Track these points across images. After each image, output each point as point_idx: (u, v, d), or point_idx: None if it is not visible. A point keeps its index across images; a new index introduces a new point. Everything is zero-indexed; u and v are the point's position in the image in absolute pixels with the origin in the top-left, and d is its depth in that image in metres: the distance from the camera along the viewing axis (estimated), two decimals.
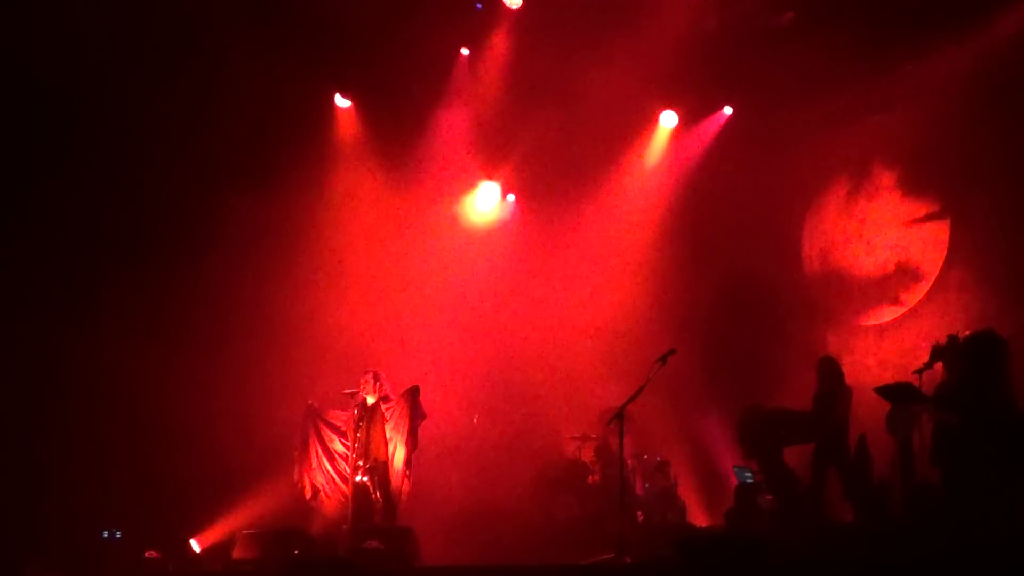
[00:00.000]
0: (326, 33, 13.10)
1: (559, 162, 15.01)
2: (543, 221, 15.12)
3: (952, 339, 10.23)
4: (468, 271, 14.73)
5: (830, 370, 11.41)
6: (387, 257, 14.41)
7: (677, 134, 14.85)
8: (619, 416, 9.96)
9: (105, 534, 12.30)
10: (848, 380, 11.82)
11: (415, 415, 11.50)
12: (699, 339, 13.69)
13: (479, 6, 13.67)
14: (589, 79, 13.58)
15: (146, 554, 11.59)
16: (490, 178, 15.03)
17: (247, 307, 13.35)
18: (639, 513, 13.02)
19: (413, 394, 11.57)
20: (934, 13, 12.19)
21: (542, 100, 14.06)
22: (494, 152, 14.75)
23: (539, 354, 14.63)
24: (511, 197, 15.38)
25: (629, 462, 12.77)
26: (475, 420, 14.26)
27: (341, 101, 14.39)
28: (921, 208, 13.56)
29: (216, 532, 12.14)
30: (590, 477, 13.51)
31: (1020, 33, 11.77)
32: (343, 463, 11.75)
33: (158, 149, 12.97)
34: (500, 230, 15.16)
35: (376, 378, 11.70)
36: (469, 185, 15.05)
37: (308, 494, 11.86)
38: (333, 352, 13.26)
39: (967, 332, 10.35)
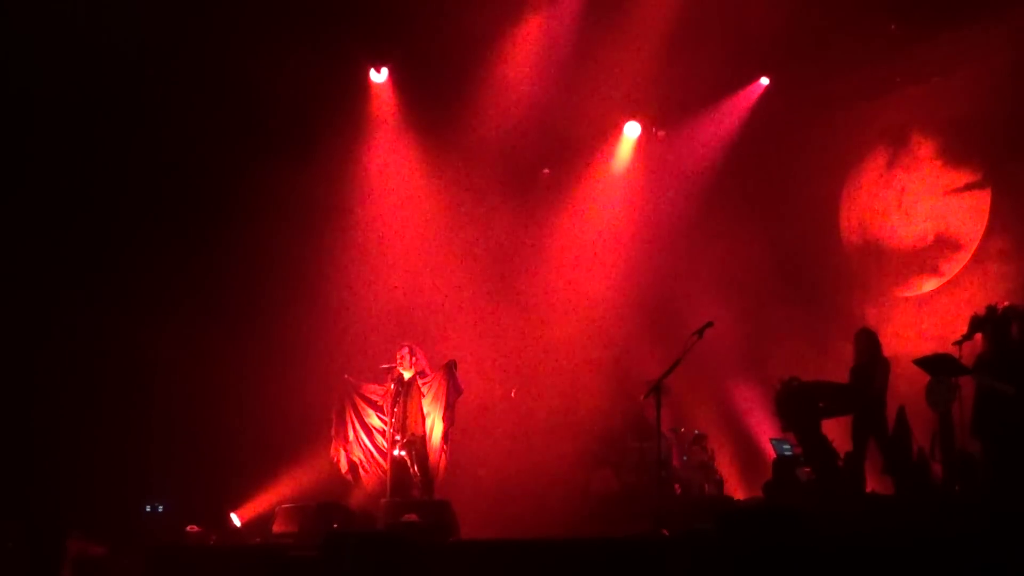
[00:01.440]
0: (361, 6, 13.02)
1: (596, 133, 14.95)
2: (577, 198, 15.06)
3: (991, 309, 10.13)
4: (507, 244, 14.71)
5: (868, 342, 11.31)
6: (426, 231, 14.40)
7: (712, 106, 14.71)
8: (656, 389, 9.91)
9: (148, 508, 12.46)
10: (887, 352, 11.71)
11: (452, 390, 11.52)
12: (737, 311, 13.63)
13: None
14: (615, 57, 13.46)
15: (187, 528, 11.72)
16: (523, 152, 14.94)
17: (287, 281, 13.43)
18: (676, 486, 12.99)
19: (450, 369, 11.58)
20: None
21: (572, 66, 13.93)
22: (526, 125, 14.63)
23: (578, 327, 14.59)
24: (546, 171, 15.33)
25: (667, 435, 12.73)
26: (512, 394, 14.27)
27: (376, 76, 14.33)
28: (961, 178, 13.37)
29: (256, 506, 12.26)
30: (628, 450, 13.49)
31: None
32: (380, 437, 11.80)
33: (196, 122, 12.92)
34: (539, 202, 15.10)
35: (412, 352, 11.71)
36: (510, 161, 14.95)
37: (344, 468, 11.93)
38: (372, 326, 13.31)
39: (1006, 302, 10.26)
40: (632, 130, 15.24)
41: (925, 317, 13.44)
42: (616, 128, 15.19)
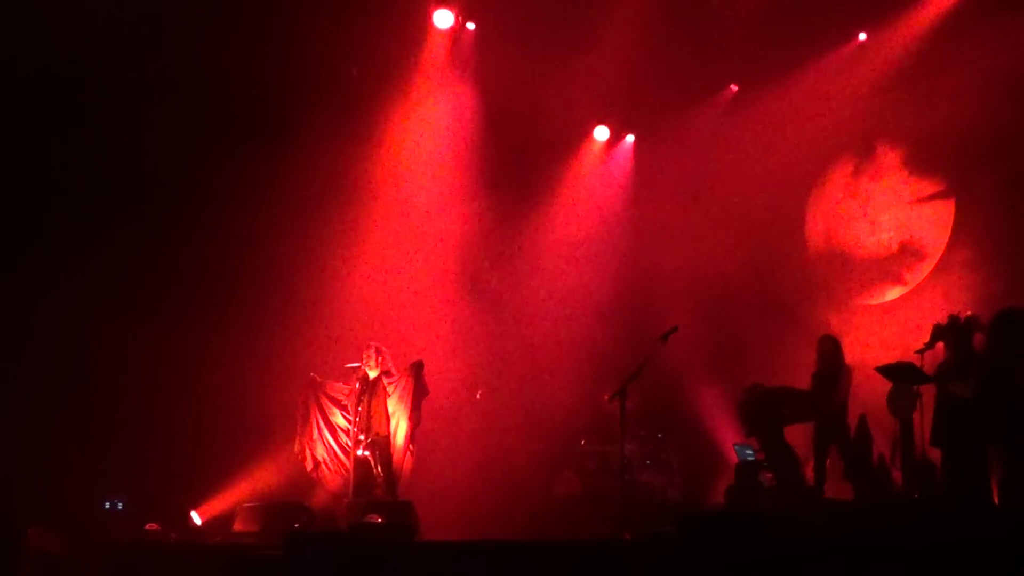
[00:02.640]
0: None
1: (570, 132, 15.01)
2: (552, 197, 15.09)
3: (953, 319, 10.25)
4: (478, 244, 14.70)
5: (830, 349, 11.40)
6: (395, 229, 14.33)
7: (681, 112, 14.79)
8: (621, 393, 9.93)
9: (107, 505, 12.31)
10: (850, 359, 11.81)
11: (419, 391, 11.49)
12: (702, 316, 13.66)
13: None
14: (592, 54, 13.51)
15: (147, 526, 11.59)
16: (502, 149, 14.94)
17: (253, 277, 13.28)
18: (640, 490, 13.03)
19: (417, 369, 11.55)
20: None
21: (542, 72, 13.93)
22: (503, 124, 14.62)
23: (546, 329, 14.60)
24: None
25: (631, 439, 12.76)
26: (478, 395, 14.24)
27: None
28: (925, 188, 13.51)
29: (217, 504, 12.13)
30: (591, 453, 13.50)
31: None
32: (345, 436, 11.75)
33: (153, 114, 12.67)
34: (508, 202, 15.09)
35: (378, 352, 11.67)
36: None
37: (309, 466, 11.85)
38: (338, 325, 13.19)
39: (969, 312, 10.37)
40: (601, 134, 15.28)
41: (888, 325, 13.54)
42: (587, 133, 15.23)
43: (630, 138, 15.59)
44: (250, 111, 13.12)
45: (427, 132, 14.40)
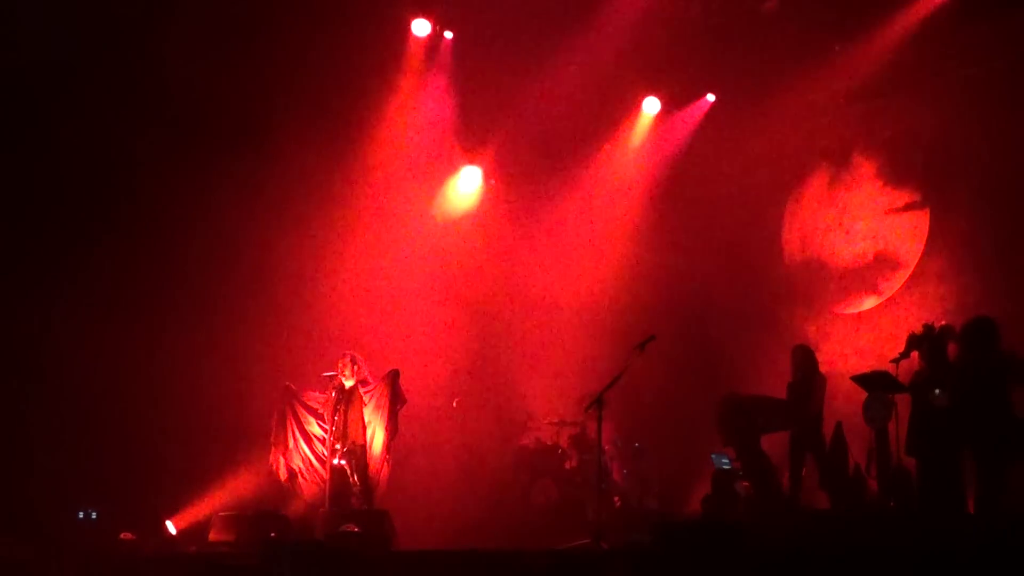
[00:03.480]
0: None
1: (540, 147, 14.97)
2: (525, 206, 15.09)
3: (928, 328, 10.29)
4: (450, 255, 14.68)
5: (804, 358, 11.48)
6: (370, 240, 14.30)
7: (659, 120, 14.85)
8: (597, 402, 9.92)
9: (81, 515, 12.21)
10: (826, 368, 11.88)
11: (395, 400, 11.47)
12: (679, 325, 13.69)
13: None
14: (570, 65, 13.52)
15: (121, 535, 11.51)
16: (472, 162, 14.98)
17: (230, 284, 13.22)
18: (616, 499, 13.04)
19: (393, 378, 11.53)
20: (911, 7, 12.20)
21: (523, 85, 13.96)
22: (475, 136, 14.65)
23: (520, 338, 14.61)
24: (492, 181, 15.33)
25: (607, 448, 12.77)
26: (454, 403, 14.22)
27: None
28: (901, 198, 13.58)
29: (192, 514, 12.06)
30: (568, 462, 13.50)
31: (996, 30, 11.75)
32: (320, 446, 11.69)
33: (133, 118, 12.64)
34: (482, 214, 15.10)
35: (354, 361, 11.62)
36: (451, 169, 14.97)
37: (283, 476, 11.78)
38: (314, 334, 13.17)
39: (943, 322, 10.43)
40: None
41: (864, 334, 13.61)
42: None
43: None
44: (228, 118, 13.07)
45: (403, 142, 14.39)
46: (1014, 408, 9.03)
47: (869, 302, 13.74)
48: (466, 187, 15.12)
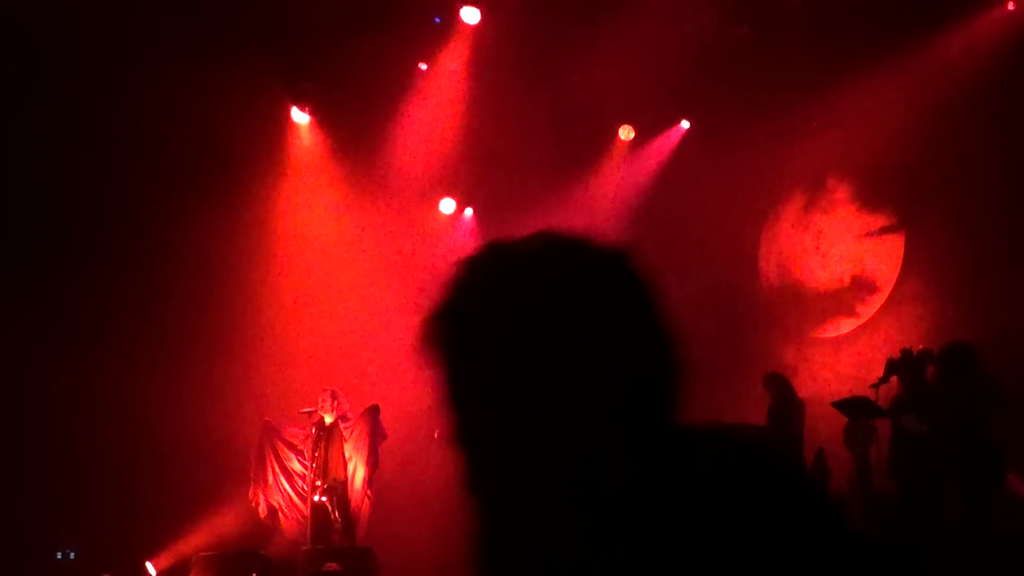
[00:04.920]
0: (282, 46, 12.97)
1: (516, 177, 14.99)
2: (501, 233, 15.06)
3: (906, 353, 10.37)
4: (428, 287, 14.66)
5: (779, 386, 11.55)
6: (348, 273, 14.29)
7: (633, 148, 14.90)
8: None
9: (59, 554, 12.12)
10: (805, 392, 11.92)
11: (375, 435, 11.46)
12: None
13: (437, 20, 13.58)
14: (545, 95, 13.58)
15: None
16: (449, 193, 15.01)
17: (204, 323, 13.19)
18: None
19: (373, 413, 11.52)
20: (882, 31, 12.30)
21: (499, 115, 14.00)
22: (453, 167, 14.67)
23: None
24: (469, 211, 15.36)
25: None
26: (436, 434, 14.14)
27: (298, 115, 14.24)
28: (875, 221, 13.65)
29: (172, 554, 11.98)
30: None
31: (963, 52, 11.86)
32: (301, 482, 11.65)
33: (116, 163, 12.72)
34: (459, 245, 15.09)
35: (334, 396, 11.61)
36: (428, 200, 14.99)
37: (263, 513, 11.73)
38: (292, 369, 13.11)
39: (921, 346, 10.51)
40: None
41: (842, 358, 13.65)
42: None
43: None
44: (203, 150, 13.07)
45: (382, 174, 14.43)
46: (992, 432, 9.07)
47: (847, 325, 13.78)
48: (443, 217, 15.13)
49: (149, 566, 11.90)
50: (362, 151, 14.28)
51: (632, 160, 14.96)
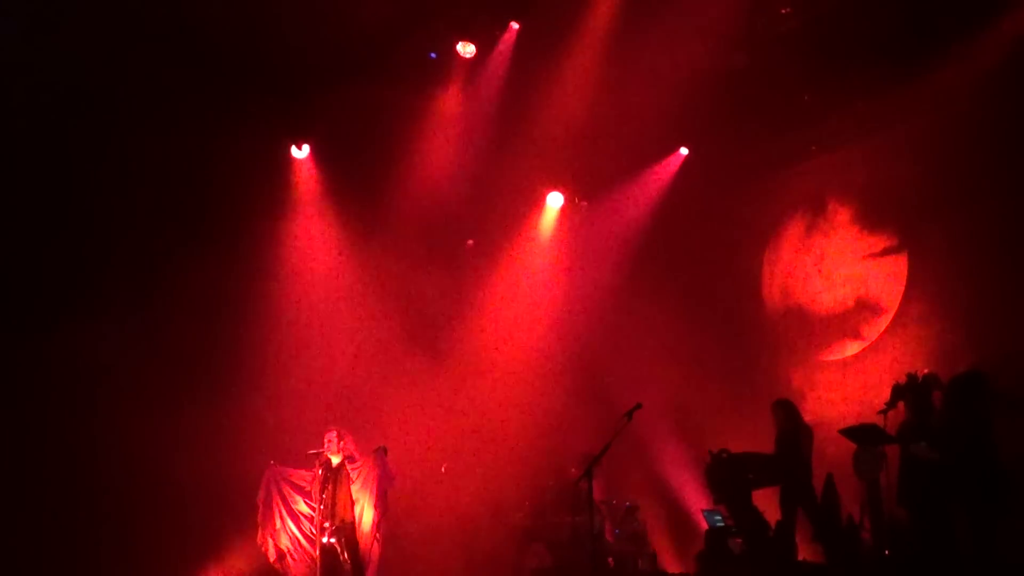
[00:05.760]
0: (281, 86, 13.05)
1: (520, 203, 15.13)
2: (503, 268, 15.15)
3: (911, 378, 10.35)
4: (437, 317, 14.71)
5: (787, 412, 11.56)
6: (353, 309, 14.33)
7: (634, 175, 14.93)
8: (587, 475, 9.92)
9: None
10: (813, 416, 11.93)
11: (383, 479, 11.40)
12: (665, 380, 13.71)
13: (433, 55, 13.65)
14: (543, 126, 13.63)
15: None
16: (454, 227, 15.01)
17: (222, 360, 13.25)
18: (610, 559, 12.95)
19: (380, 456, 11.47)
20: (878, 55, 12.31)
21: (494, 138, 14.07)
22: (455, 202, 14.71)
23: (507, 399, 14.53)
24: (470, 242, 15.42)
25: (599, 508, 12.70)
26: (443, 469, 14.14)
27: (297, 152, 14.31)
28: (878, 243, 13.61)
29: None
30: (561, 525, 13.42)
31: (963, 74, 11.86)
32: (308, 524, 11.59)
33: (120, 203, 12.87)
34: (464, 278, 15.11)
35: (340, 436, 11.55)
36: (430, 237, 15.00)
37: (272, 557, 11.67)
38: (298, 410, 13.08)
39: (926, 370, 10.46)
40: (555, 200, 15.38)
41: (849, 380, 13.60)
42: (540, 198, 15.33)
43: (583, 204, 15.68)
44: (201, 203, 13.18)
45: (380, 208, 14.49)
46: (999, 460, 9.02)
47: (853, 348, 13.72)
48: (444, 254, 15.17)
49: None
50: (360, 191, 14.34)
51: (634, 187, 14.96)
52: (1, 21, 11.28)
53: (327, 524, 11.29)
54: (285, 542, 11.65)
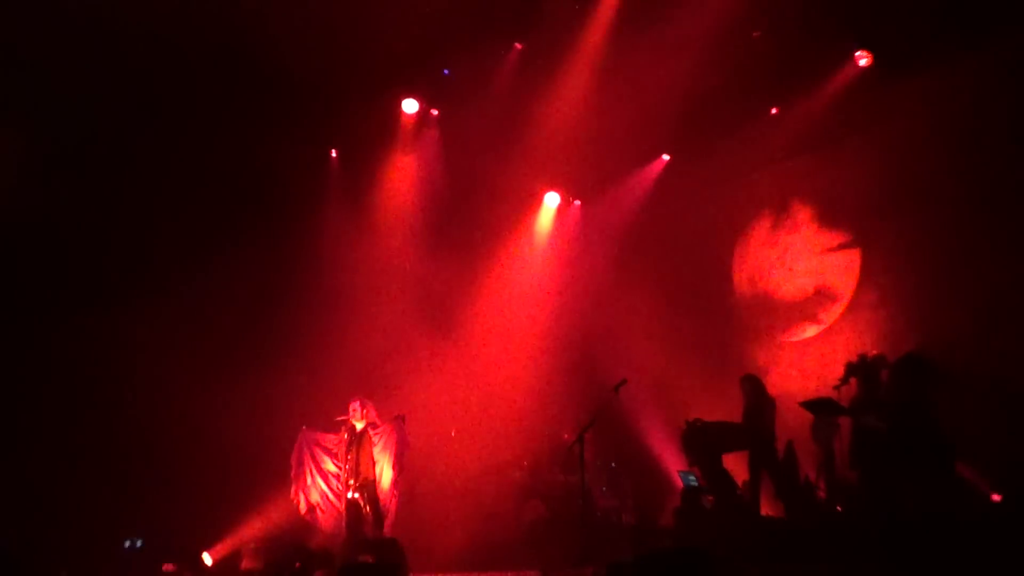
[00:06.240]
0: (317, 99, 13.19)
1: (520, 202, 15.27)
2: (507, 258, 15.29)
3: (862, 358, 10.55)
4: (448, 302, 14.91)
5: (753, 386, 11.70)
6: (377, 298, 14.51)
7: (622, 178, 15.07)
8: (580, 440, 10.13)
9: (127, 543, 12.21)
10: (775, 389, 12.06)
11: (401, 444, 11.55)
12: (648, 359, 13.89)
13: (446, 72, 13.75)
14: (543, 136, 13.77)
15: (164, 566, 11.55)
16: (464, 222, 15.17)
17: (262, 337, 13.47)
18: (598, 513, 13.14)
19: (399, 423, 11.61)
20: (836, 70, 12.45)
21: (500, 146, 14.21)
22: (467, 201, 14.86)
23: (512, 374, 14.69)
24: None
25: (590, 468, 12.88)
26: (452, 433, 14.34)
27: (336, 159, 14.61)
28: (834, 239, 13.75)
29: (226, 546, 12.12)
30: (555, 483, 13.61)
31: (912, 91, 11.98)
32: (336, 481, 11.77)
33: (181, 202, 13.15)
34: (473, 268, 15.25)
35: (363, 405, 11.68)
36: (445, 229, 15.15)
37: (303, 509, 11.80)
38: (328, 382, 13.22)
39: (875, 351, 10.66)
40: (552, 199, 15.53)
41: (807, 359, 13.75)
42: (538, 197, 15.48)
43: (578, 202, 15.83)
44: (260, 185, 13.45)
45: (403, 202, 14.64)
46: (938, 429, 9.20)
47: (811, 330, 13.88)
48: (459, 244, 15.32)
49: (205, 556, 12.04)
50: (382, 193, 14.51)
51: (622, 189, 15.10)
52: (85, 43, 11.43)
53: (352, 481, 11.48)
54: (315, 496, 11.80)
